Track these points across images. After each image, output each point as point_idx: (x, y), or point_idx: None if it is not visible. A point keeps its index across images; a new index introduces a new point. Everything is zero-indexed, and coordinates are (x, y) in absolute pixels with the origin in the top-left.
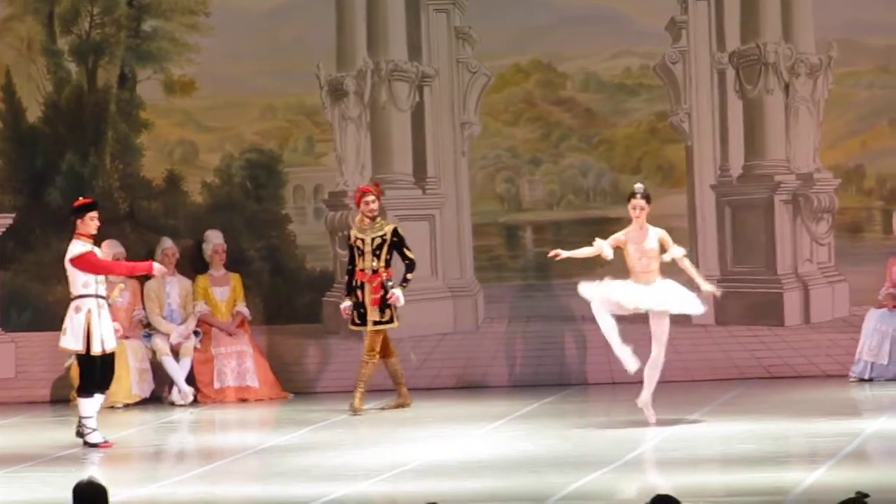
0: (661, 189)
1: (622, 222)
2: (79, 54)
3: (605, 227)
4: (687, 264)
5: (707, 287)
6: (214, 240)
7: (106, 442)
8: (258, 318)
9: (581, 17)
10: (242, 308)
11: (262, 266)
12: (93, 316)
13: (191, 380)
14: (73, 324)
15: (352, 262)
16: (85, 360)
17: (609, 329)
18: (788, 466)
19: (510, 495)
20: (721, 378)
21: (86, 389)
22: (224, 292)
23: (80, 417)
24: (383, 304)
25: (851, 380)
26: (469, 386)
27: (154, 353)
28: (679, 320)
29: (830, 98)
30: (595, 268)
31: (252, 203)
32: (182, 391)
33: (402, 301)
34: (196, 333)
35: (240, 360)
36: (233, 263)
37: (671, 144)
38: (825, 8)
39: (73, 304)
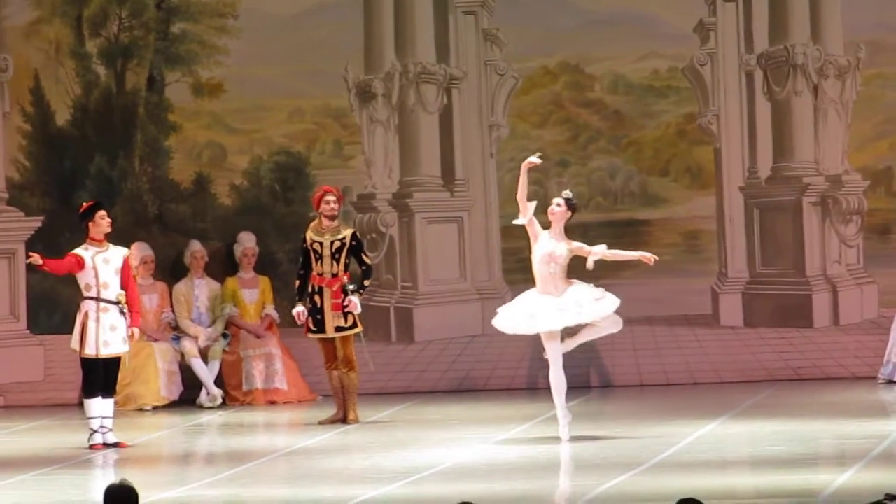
0: (689, 191)
1: (651, 224)
2: (107, 57)
3: (634, 228)
4: (616, 252)
5: (641, 254)
6: (246, 243)
7: (96, 445)
8: (287, 321)
9: (609, 19)
10: (271, 311)
11: (291, 268)
12: (89, 319)
13: (219, 382)
14: (75, 325)
15: (305, 266)
16: (82, 361)
17: (560, 386)
18: (817, 468)
19: (539, 497)
20: (750, 380)
21: (86, 390)
22: (253, 295)
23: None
24: (345, 309)
25: (880, 382)
26: (497, 388)
27: (182, 355)
28: (709, 323)
29: (859, 100)
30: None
31: (280, 205)
32: (211, 393)
33: (359, 308)
34: (225, 336)
35: (268, 363)
36: (261, 266)
37: (699, 146)
38: (854, 9)
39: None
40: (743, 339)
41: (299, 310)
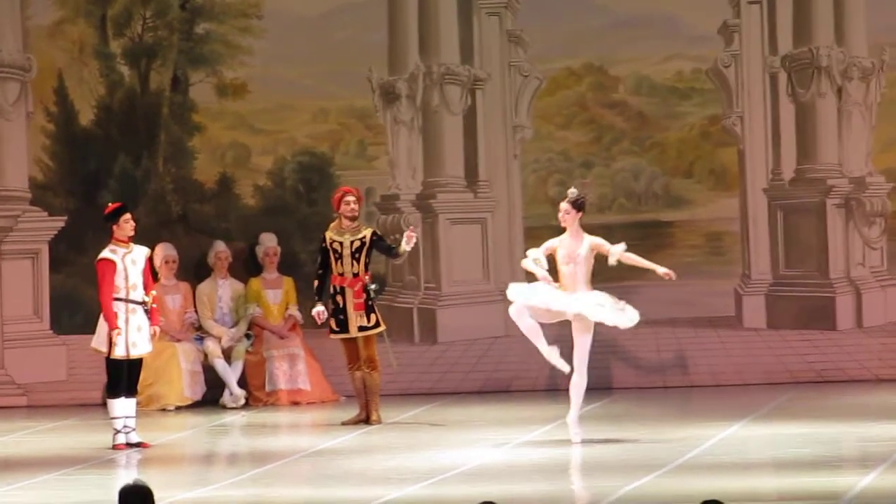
0: (713, 193)
1: (674, 225)
2: (131, 57)
3: (657, 230)
4: (633, 256)
5: (661, 270)
6: (267, 243)
7: (119, 445)
8: (310, 322)
9: (633, 20)
10: (294, 311)
11: (314, 269)
12: (118, 320)
13: (242, 383)
14: (101, 326)
15: (323, 266)
16: (108, 361)
17: (531, 330)
18: (840, 471)
19: (561, 499)
20: (773, 382)
21: (111, 391)
22: (277, 295)
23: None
24: (368, 309)
25: None
26: (520, 389)
27: (206, 355)
28: (732, 324)
29: (883, 101)
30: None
31: (304, 206)
32: (234, 394)
33: (415, 239)
34: (248, 336)
35: (291, 363)
36: (284, 266)
37: (723, 148)
38: (878, 11)
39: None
40: (766, 341)
41: (319, 309)
